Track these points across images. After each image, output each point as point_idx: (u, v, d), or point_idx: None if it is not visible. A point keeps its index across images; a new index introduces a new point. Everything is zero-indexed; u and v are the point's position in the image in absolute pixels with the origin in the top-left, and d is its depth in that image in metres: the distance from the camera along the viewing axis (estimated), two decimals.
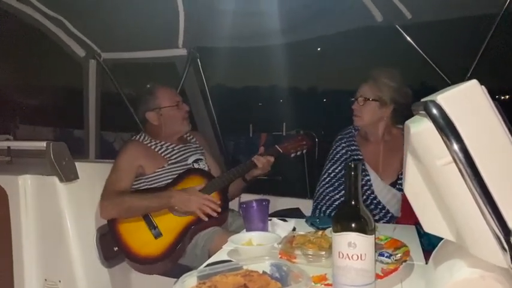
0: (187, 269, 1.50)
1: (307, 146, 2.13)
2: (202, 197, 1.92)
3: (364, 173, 1.92)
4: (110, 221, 1.99)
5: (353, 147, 2.03)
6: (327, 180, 2.03)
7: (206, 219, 1.91)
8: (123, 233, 1.96)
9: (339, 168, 2.02)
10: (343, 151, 2.04)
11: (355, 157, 1.99)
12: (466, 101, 0.70)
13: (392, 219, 1.87)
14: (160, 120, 2.15)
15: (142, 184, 2.07)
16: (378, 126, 1.98)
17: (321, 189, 2.03)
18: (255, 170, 2.07)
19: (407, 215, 1.78)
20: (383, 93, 1.90)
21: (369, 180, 1.91)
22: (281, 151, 2.08)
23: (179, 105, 2.17)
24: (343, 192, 1.94)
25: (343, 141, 2.07)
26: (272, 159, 2.04)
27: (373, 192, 1.90)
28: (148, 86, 2.23)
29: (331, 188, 1.99)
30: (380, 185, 1.91)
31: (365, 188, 1.91)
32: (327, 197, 1.98)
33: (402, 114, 1.93)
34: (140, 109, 2.21)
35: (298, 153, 2.11)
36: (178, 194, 1.93)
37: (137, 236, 1.95)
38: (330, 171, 2.04)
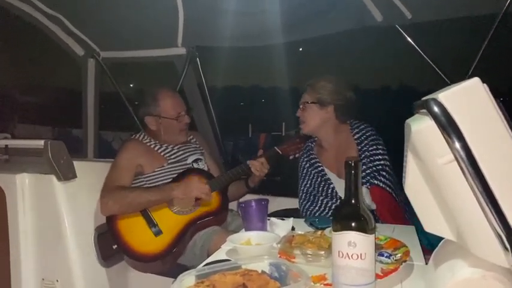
0: (186, 268, 1.50)
1: None
2: (203, 186, 1.93)
3: (328, 181, 1.97)
4: (108, 218, 1.98)
5: (313, 161, 2.06)
6: (303, 196, 2.06)
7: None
8: (123, 231, 1.95)
9: (309, 182, 2.05)
10: (307, 165, 2.08)
11: (316, 169, 2.03)
12: (468, 99, 0.70)
13: None
14: (158, 127, 2.15)
15: (141, 183, 2.06)
16: (326, 129, 2.01)
17: (301, 206, 2.05)
18: (253, 175, 2.07)
19: (382, 204, 1.80)
20: (321, 94, 1.96)
21: (332, 184, 1.95)
22: (280, 152, 2.07)
23: (179, 118, 2.15)
24: (319, 204, 1.97)
25: (304, 156, 2.12)
26: (265, 160, 2.01)
27: (336, 194, 1.92)
28: (153, 90, 2.21)
29: (309, 203, 2.02)
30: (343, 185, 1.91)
31: (332, 194, 1.95)
32: (307, 212, 2.00)
33: (346, 112, 1.98)
34: (141, 111, 2.21)
35: (297, 155, 2.11)
36: (179, 186, 1.94)
37: (137, 234, 1.95)
38: (302, 187, 2.08)
